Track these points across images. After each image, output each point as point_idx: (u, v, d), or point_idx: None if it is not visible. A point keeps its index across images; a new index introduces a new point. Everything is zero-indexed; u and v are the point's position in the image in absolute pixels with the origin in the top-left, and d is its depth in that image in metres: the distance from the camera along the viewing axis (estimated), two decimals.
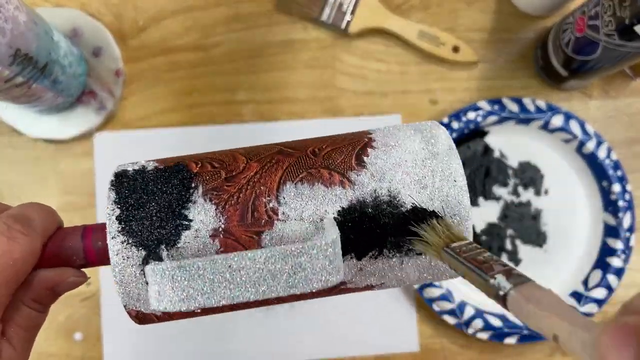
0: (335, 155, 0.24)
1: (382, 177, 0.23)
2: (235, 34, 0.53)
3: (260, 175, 0.24)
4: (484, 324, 0.49)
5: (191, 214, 0.23)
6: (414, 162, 0.24)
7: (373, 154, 0.24)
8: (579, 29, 0.45)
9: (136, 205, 0.23)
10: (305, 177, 0.24)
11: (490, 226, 0.52)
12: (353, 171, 0.24)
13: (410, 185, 0.23)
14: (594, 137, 0.51)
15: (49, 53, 0.43)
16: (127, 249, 0.23)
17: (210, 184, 0.24)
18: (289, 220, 0.23)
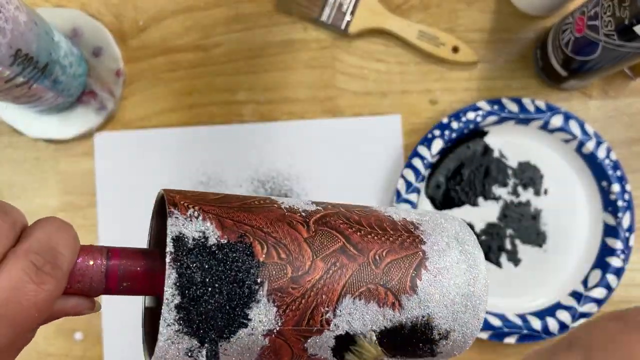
0: (393, 272, 0.25)
1: (427, 306, 0.25)
2: (235, 34, 0.53)
3: (324, 282, 0.24)
4: (483, 324, 0.49)
5: (252, 314, 0.23)
6: (455, 296, 0.26)
7: (426, 278, 0.26)
8: (579, 29, 0.45)
9: (198, 296, 0.22)
10: (364, 292, 0.24)
11: (489, 226, 0.52)
12: (405, 295, 0.25)
13: (445, 315, 0.26)
14: (594, 137, 0.51)
15: (50, 53, 0.43)
16: (178, 336, 0.22)
17: (276, 282, 0.23)
18: (337, 330, 0.24)
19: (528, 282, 0.52)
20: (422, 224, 0.28)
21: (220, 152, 0.52)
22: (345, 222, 0.26)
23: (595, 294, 0.50)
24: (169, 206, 0.23)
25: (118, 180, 0.52)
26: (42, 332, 0.51)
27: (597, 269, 0.51)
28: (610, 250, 0.50)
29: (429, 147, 0.51)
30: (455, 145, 0.52)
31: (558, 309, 0.50)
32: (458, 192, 0.52)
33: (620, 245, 0.50)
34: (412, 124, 0.53)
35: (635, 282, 0.53)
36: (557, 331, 0.50)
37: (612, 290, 0.50)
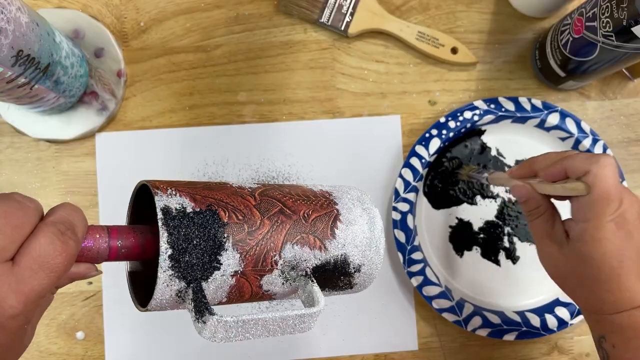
0: (318, 224, 0.34)
1: (343, 247, 0.35)
2: (235, 35, 0.54)
3: (270, 234, 0.32)
4: (482, 321, 0.50)
5: (222, 259, 0.31)
6: (361, 239, 0.35)
7: (340, 227, 0.35)
8: (577, 30, 0.46)
9: (184, 248, 0.29)
10: (299, 240, 0.33)
11: (488, 224, 0.52)
12: (327, 240, 0.34)
13: (356, 253, 0.35)
14: (590, 135, 0.52)
15: (51, 54, 0.43)
16: (171, 279, 0.29)
17: (237, 236, 0.31)
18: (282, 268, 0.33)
19: (526, 280, 0.52)
20: (334, 192, 0.37)
21: (221, 152, 0.53)
22: (280, 193, 0.35)
23: None
24: (154, 188, 0.31)
25: (119, 181, 0.52)
26: (44, 331, 0.51)
27: None
28: None
29: (426, 147, 0.51)
30: (452, 144, 0.53)
31: (556, 306, 0.51)
32: (456, 190, 0.53)
33: None
34: (412, 125, 0.54)
35: None
36: (555, 328, 0.50)
37: None
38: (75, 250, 0.26)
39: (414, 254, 0.50)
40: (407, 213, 0.51)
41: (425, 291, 0.50)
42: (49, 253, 0.25)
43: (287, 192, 0.35)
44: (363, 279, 0.36)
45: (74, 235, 0.26)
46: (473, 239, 0.52)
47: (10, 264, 0.25)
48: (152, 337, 0.51)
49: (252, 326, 0.29)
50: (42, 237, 0.25)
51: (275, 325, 0.30)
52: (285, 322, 0.30)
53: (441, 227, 0.52)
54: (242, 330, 0.29)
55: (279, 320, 0.30)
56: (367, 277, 0.36)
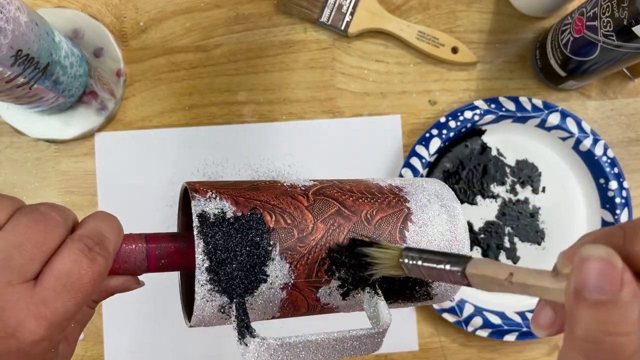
0: (384, 226, 0.30)
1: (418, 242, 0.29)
2: (235, 35, 0.53)
3: (325, 240, 0.28)
4: (483, 322, 0.49)
5: (269, 270, 0.27)
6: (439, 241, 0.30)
7: (412, 229, 0.30)
8: (578, 30, 0.45)
9: (223, 259, 0.27)
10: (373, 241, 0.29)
11: (488, 224, 0.52)
12: (396, 245, 0.29)
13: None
14: (591, 135, 0.52)
15: (50, 54, 0.43)
16: (211, 294, 0.27)
17: (285, 243, 0.28)
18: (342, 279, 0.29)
19: None
20: (406, 187, 0.32)
21: (221, 152, 0.53)
22: (338, 191, 0.30)
23: None
24: (191, 192, 0.28)
25: (119, 181, 0.52)
26: None
27: None
28: None
29: (426, 147, 0.51)
30: (453, 144, 0.52)
31: None
32: (456, 190, 0.53)
33: None
34: (412, 124, 0.54)
35: None
36: None
37: None
38: (105, 267, 0.24)
39: None
40: None
41: None
42: (74, 272, 0.23)
43: (347, 190, 0.31)
44: (445, 288, 0.31)
45: (104, 251, 0.24)
46: (473, 239, 0.52)
47: (32, 284, 0.23)
48: (151, 338, 0.51)
49: (302, 349, 0.25)
50: (66, 255, 0.23)
51: (330, 348, 0.26)
52: (341, 344, 0.26)
53: None
54: (290, 355, 0.25)
55: (334, 342, 0.26)
56: (450, 286, 0.30)
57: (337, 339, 0.26)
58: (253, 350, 0.25)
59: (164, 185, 0.52)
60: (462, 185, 0.52)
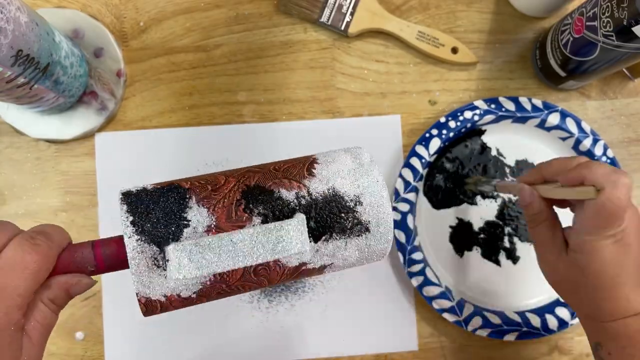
0: (291, 169, 0.32)
1: (327, 180, 0.32)
2: (235, 35, 0.53)
3: (237, 186, 0.31)
4: (483, 321, 0.50)
5: (189, 216, 0.29)
6: (347, 170, 0.32)
7: (318, 167, 0.32)
8: (577, 30, 0.45)
9: (145, 211, 0.29)
10: (271, 185, 0.31)
11: (488, 224, 0.52)
12: (306, 179, 0.32)
13: (347, 184, 0.32)
14: (590, 135, 0.52)
15: (51, 54, 0.43)
16: (141, 245, 0.28)
17: (201, 194, 0.30)
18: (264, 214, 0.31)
19: (527, 280, 0.52)
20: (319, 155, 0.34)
21: (221, 152, 0.53)
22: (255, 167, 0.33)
23: None
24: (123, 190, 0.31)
25: (119, 181, 0.52)
26: None
27: None
28: None
29: (426, 147, 0.51)
30: (453, 144, 0.52)
31: (557, 306, 0.51)
32: (456, 190, 0.53)
33: None
34: (412, 124, 0.54)
35: None
36: (556, 328, 0.50)
37: None
38: (48, 250, 0.27)
39: (414, 254, 0.50)
40: (407, 213, 0.50)
41: (425, 291, 0.50)
42: (18, 254, 0.26)
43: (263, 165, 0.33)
44: (373, 213, 0.32)
45: (46, 239, 0.27)
46: (473, 239, 0.52)
47: None
48: (151, 338, 0.51)
49: (223, 249, 0.27)
50: (12, 244, 0.27)
51: (250, 246, 0.28)
52: (264, 238, 0.28)
53: (441, 228, 0.52)
54: (211, 257, 0.27)
55: (249, 237, 0.28)
56: (376, 210, 0.32)
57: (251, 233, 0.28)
58: (173, 260, 0.27)
59: None
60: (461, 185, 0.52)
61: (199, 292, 0.30)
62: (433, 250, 0.52)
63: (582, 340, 0.53)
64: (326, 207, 0.31)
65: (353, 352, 0.52)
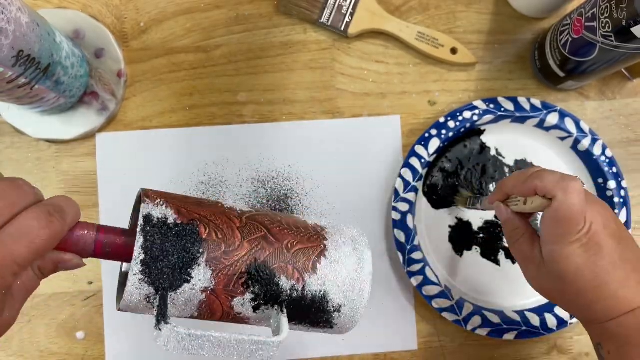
0: (300, 256, 0.34)
1: (323, 283, 0.34)
2: (235, 35, 0.54)
3: (247, 258, 0.32)
4: (482, 321, 0.50)
5: (194, 273, 0.31)
6: (343, 278, 0.35)
7: (324, 263, 0.34)
8: (576, 31, 0.46)
9: (157, 256, 0.30)
10: (277, 267, 0.33)
11: (487, 224, 0.53)
12: (308, 273, 0.34)
13: (337, 293, 0.34)
14: (589, 135, 0.52)
15: (52, 54, 0.43)
16: (141, 284, 0.30)
17: (212, 253, 0.32)
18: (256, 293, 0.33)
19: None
20: (328, 228, 0.37)
21: (221, 152, 0.53)
22: (269, 220, 0.35)
23: None
24: (143, 197, 0.32)
25: (119, 181, 0.52)
26: (44, 331, 0.51)
27: None
28: None
29: (426, 147, 0.51)
30: (452, 144, 0.53)
31: (556, 305, 0.51)
32: (456, 190, 0.53)
33: None
34: (411, 125, 0.54)
35: None
36: (555, 327, 0.50)
37: None
38: (60, 229, 0.28)
39: (414, 254, 0.50)
40: (407, 213, 0.51)
41: (425, 291, 0.50)
42: (33, 225, 0.27)
43: (276, 220, 0.35)
44: (344, 321, 0.35)
45: (61, 218, 0.28)
46: (473, 238, 0.52)
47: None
48: (151, 338, 0.51)
49: (205, 342, 0.29)
50: (30, 213, 0.27)
51: (231, 347, 0.30)
52: (241, 346, 0.30)
53: (441, 227, 0.52)
54: (195, 345, 0.29)
55: (234, 342, 0.30)
56: (349, 319, 0.35)
57: (238, 340, 0.30)
58: (164, 335, 0.29)
59: (165, 185, 0.52)
60: (461, 185, 0.53)
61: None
62: (432, 249, 0.52)
63: (581, 339, 0.53)
64: (310, 305, 0.34)
65: (353, 351, 0.52)
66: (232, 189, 0.52)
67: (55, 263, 0.30)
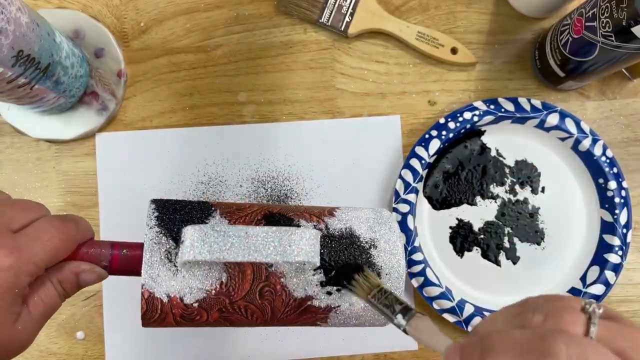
0: (312, 209, 0.34)
1: (346, 221, 0.33)
2: (235, 35, 0.54)
3: (260, 210, 0.32)
4: None
5: (210, 221, 0.31)
6: (366, 217, 0.34)
7: (339, 211, 0.34)
8: (577, 31, 0.46)
9: (172, 210, 0.31)
10: (292, 215, 0.32)
11: (488, 225, 0.52)
12: (325, 217, 0.33)
13: (363, 228, 0.33)
14: (590, 135, 0.52)
15: (51, 54, 0.43)
16: (159, 237, 0.29)
17: (225, 210, 0.32)
18: None
19: (527, 280, 0.52)
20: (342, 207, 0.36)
21: (221, 152, 0.53)
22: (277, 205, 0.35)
23: (594, 290, 0.50)
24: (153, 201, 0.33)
25: (119, 181, 0.52)
26: (44, 331, 0.51)
27: (596, 266, 0.51)
28: (608, 246, 0.51)
29: (426, 148, 0.51)
30: (452, 145, 0.53)
31: None
32: (456, 191, 0.53)
33: (618, 241, 0.51)
34: (411, 125, 0.54)
35: (633, 281, 0.54)
36: None
37: (611, 286, 0.50)
38: (74, 235, 0.29)
39: (415, 255, 0.50)
40: (407, 214, 0.51)
41: (425, 292, 0.50)
42: (47, 228, 0.28)
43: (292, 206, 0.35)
44: (387, 259, 0.32)
45: (75, 225, 0.29)
46: (473, 239, 0.52)
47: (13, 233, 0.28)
48: (152, 338, 0.51)
49: (237, 238, 0.28)
50: (45, 218, 0.29)
51: (263, 242, 0.28)
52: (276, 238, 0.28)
53: (441, 228, 0.52)
54: (224, 244, 0.27)
55: (263, 233, 0.28)
56: (389, 256, 0.32)
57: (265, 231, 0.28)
58: (188, 239, 0.28)
59: (165, 185, 0.52)
60: (461, 185, 0.53)
61: (202, 301, 0.30)
62: (433, 251, 0.52)
63: None
64: (341, 242, 0.32)
65: (353, 351, 0.52)
66: (232, 189, 0.52)
67: (74, 273, 0.30)
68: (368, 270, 0.31)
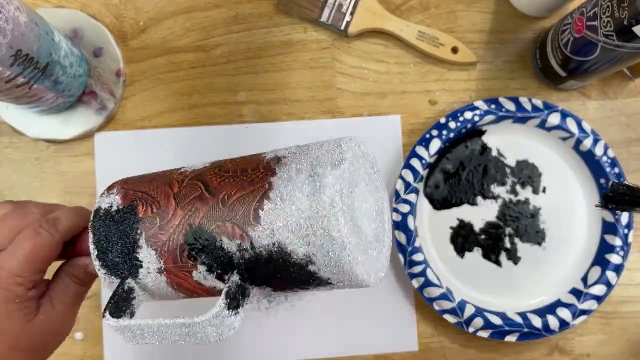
0: (237, 207, 0.27)
1: (272, 233, 0.26)
2: (235, 34, 0.53)
3: (181, 226, 0.28)
4: (484, 322, 0.49)
5: (141, 257, 0.29)
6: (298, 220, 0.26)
7: (267, 207, 0.27)
8: (578, 30, 0.45)
9: (105, 248, 0.30)
10: (214, 229, 0.28)
11: (489, 225, 0.52)
12: (250, 226, 0.27)
13: (295, 241, 0.26)
14: (591, 135, 0.51)
15: (50, 54, 0.43)
16: (108, 276, 0.31)
17: (149, 231, 0.29)
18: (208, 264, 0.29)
19: (528, 281, 0.52)
20: (288, 156, 0.28)
21: (221, 152, 0.52)
22: (215, 173, 0.29)
23: (595, 291, 0.50)
24: (105, 190, 0.32)
25: None
26: None
27: (597, 266, 0.51)
28: (609, 247, 0.51)
29: (426, 147, 0.51)
30: (453, 144, 0.52)
31: (558, 307, 0.51)
32: (457, 191, 0.52)
33: (619, 242, 0.50)
34: (412, 124, 0.54)
35: (634, 281, 0.53)
36: (557, 329, 0.50)
37: (612, 287, 0.50)
38: (49, 238, 0.31)
39: (415, 256, 0.50)
40: (408, 214, 0.50)
41: (426, 292, 0.49)
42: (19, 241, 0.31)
43: (225, 169, 0.30)
44: (334, 272, 0.26)
45: (50, 228, 0.31)
46: (474, 239, 0.52)
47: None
48: None
49: (144, 331, 0.28)
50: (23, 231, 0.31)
51: (169, 333, 0.28)
52: (174, 331, 0.27)
53: (442, 228, 0.52)
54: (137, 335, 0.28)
55: (168, 327, 0.28)
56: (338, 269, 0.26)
57: (168, 325, 0.27)
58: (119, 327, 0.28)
59: None
60: (462, 185, 0.52)
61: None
62: (434, 251, 0.52)
63: (582, 340, 0.53)
64: (270, 263, 0.27)
65: (353, 352, 0.52)
66: None
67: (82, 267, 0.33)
68: None
